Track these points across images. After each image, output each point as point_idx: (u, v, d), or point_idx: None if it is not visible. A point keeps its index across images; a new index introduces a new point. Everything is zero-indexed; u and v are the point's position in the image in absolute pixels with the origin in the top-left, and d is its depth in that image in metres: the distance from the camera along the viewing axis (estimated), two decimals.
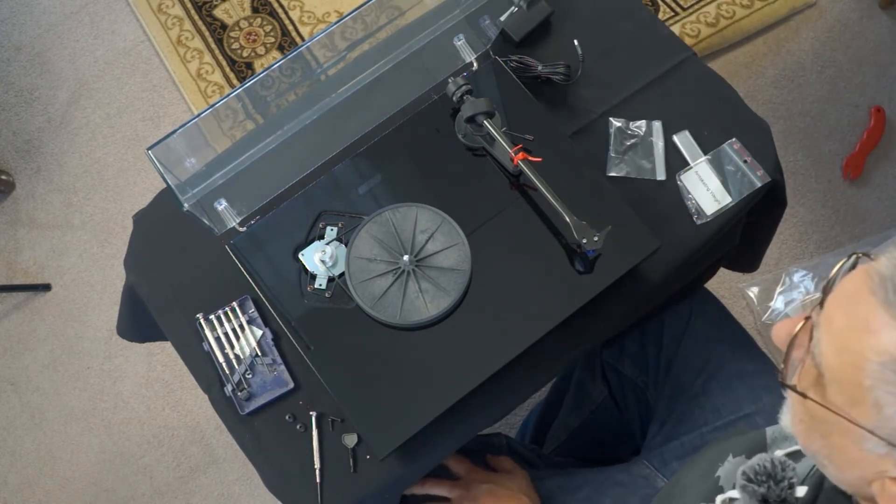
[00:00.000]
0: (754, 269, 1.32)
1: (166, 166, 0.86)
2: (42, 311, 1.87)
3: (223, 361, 1.01)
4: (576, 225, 0.92)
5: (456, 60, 1.09)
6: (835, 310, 0.55)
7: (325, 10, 2.09)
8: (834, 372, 0.54)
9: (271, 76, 0.92)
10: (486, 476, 1.04)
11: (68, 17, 2.16)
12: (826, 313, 0.56)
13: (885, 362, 0.51)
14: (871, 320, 0.52)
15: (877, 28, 1.99)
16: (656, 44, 1.15)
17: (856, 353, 0.52)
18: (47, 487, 1.75)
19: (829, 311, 0.56)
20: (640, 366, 1.16)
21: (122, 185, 1.97)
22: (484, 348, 0.93)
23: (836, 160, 1.87)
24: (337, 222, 1.01)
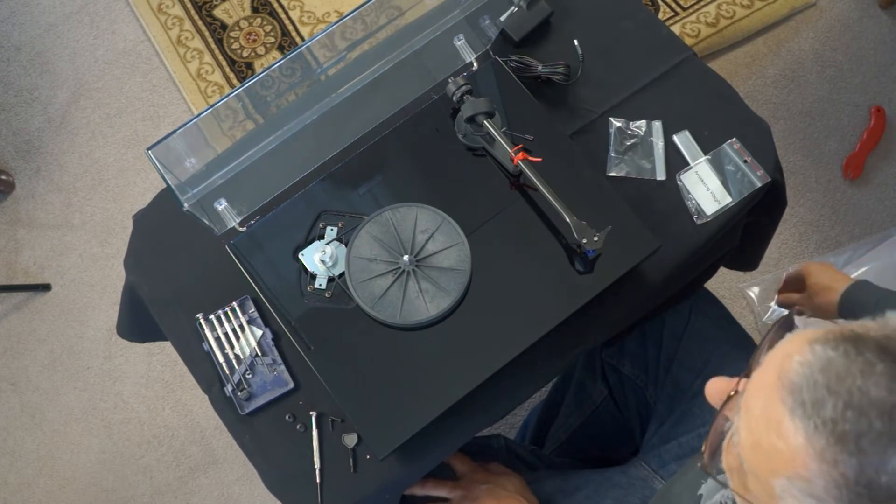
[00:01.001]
0: (754, 268, 1.32)
1: (166, 166, 0.86)
2: (42, 311, 1.87)
3: (223, 361, 1.01)
4: (576, 225, 0.92)
5: (456, 60, 1.09)
6: (753, 398, 0.53)
7: (325, 10, 2.09)
8: (750, 466, 0.53)
9: (271, 76, 0.92)
10: (486, 476, 1.04)
11: (68, 17, 2.16)
12: (746, 399, 0.54)
13: (791, 478, 0.49)
14: (781, 426, 0.50)
15: (877, 28, 1.99)
16: (656, 44, 1.15)
17: (768, 455, 0.51)
18: (47, 487, 1.75)
19: (748, 397, 0.54)
20: (639, 366, 1.16)
21: (122, 185, 1.97)
22: (484, 348, 0.93)
23: (836, 160, 1.87)
24: (337, 222, 1.01)
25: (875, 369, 0.46)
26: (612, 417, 1.22)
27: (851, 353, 0.47)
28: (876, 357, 0.47)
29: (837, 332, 0.49)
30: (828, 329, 0.50)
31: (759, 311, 1.71)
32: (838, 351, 0.48)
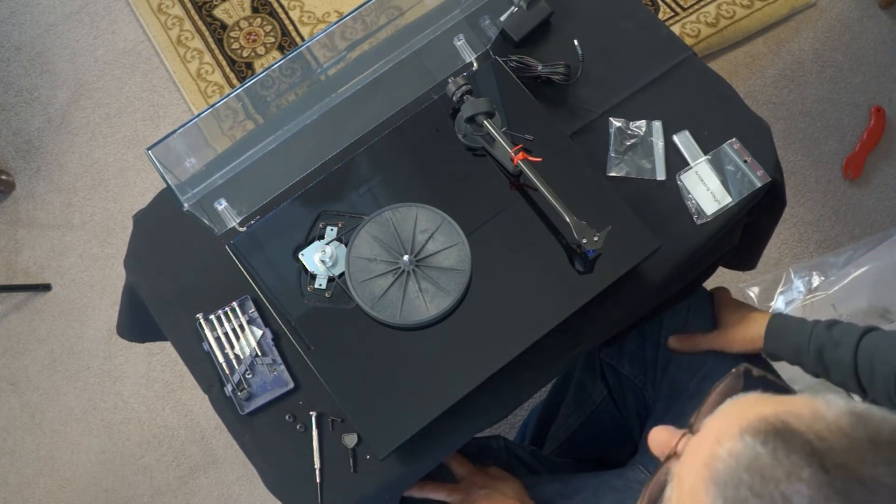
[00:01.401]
0: (753, 267, 1.32)
1: (166, 166, 0.86)
2: (42, 311, 1.87)
3: (223, 361, 1.01)
4: (576, 225, 0.92)
5: (456, 60, 1.09)
6: (686, 471, 0.52)
7: (325, 10, 2.09)
8: None
9: (271, 76, 0.92)
10: (485, 481, 1.04)
11: (68, 17, 2.16)
12: (680, 468, 0.53)
13: None
14: None
15: (877, 28, 1.99)
16: (656, 44, 1.15)
17: None
18: (47, 487, 1.75)
19: (682, 466, 0.53)
20: (638, 366, 1.16)
21: (122, 185, 1.97)
22: (484, 348, 0.93)
23: (836, 160, 1.87)
24: (337, 222, 1.01)
25: (801, 475, 0.45)
26: (612, 417, 1.22)
27: (780, 452, 0.46)
28: (803, 460, 0.45)
29: (770, 422, 0.48)
30: (762, 416, 0.48)
31: None
32: (767, 448, 0.47)
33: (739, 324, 1.04)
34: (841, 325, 0.94)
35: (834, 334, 0.93)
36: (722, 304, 1.11)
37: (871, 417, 0.46)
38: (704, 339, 1.08)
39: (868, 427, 0.46)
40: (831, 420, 0.47)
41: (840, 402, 0.48)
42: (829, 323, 0.95)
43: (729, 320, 1.07)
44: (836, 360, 0.91)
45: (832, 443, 0.45)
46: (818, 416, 0.47)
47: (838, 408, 0.47)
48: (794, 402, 0.49)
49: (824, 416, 0.47)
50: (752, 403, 0.51)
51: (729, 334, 1.05)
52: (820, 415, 0.47)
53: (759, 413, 0.49)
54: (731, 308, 1.09)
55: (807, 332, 0.96)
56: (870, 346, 0.89)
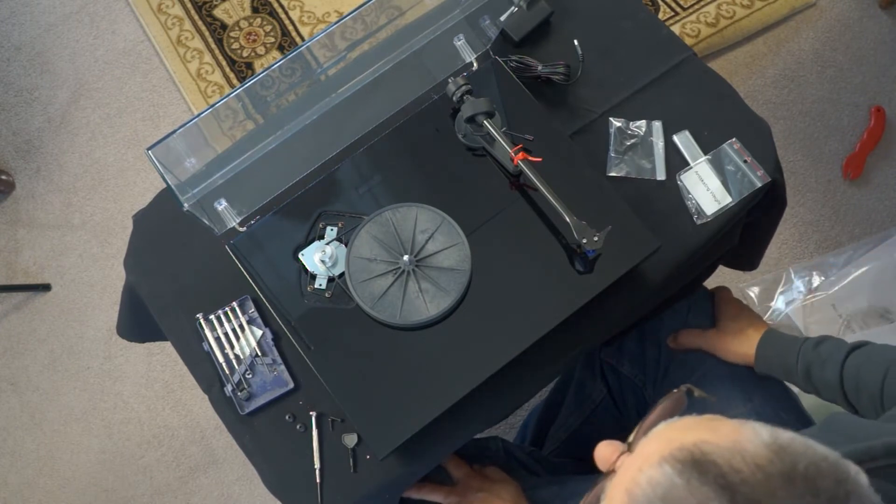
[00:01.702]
0: (754, 267, 1.32)
1: (166, 166, 0.86)
2: (42, 311, 1.87)
3: (223, 361, 1.01)
4: (576, 225, 0.92)
5: (456, 60, 1.09)
6: (615, 492, 0.53)
7: (325, 10, 2.09)
8: None
9: (271, 76, 0.92)
10: (482, 483, 1.04)
11: (68, 17, 2.16)
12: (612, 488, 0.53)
13: None
14: None
15: (877, 28, 1.99)
16: (656, 44, 1.15)
17: None
18: (47, 487, 1.75)
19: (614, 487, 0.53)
20: (638, 365, 1.16)
21: (122, 185, 1.97)
22: (484, 348, 0.93)
23: (836, 160, 1.87)
24: (337, 222, 1.01)
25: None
26: (612, 417, 1.22)
27: (693, 483, 0.47)
28: (714, 493, 0.46)
29: (689, 452, 0.48)
30: (683, 445, 0.49)
31: (760, 311, 1.71)
32: (682, 478, 0.47)
33: (735, 337, 1.05)
34: (828, 343, 0.94)
35: (821, 353, 0.93)
36: (722, 305, 1.11)
37: (791, 450, 0.47)
38: (701, 339, 1.08)
39: (784, 461, 0.46)
40: (750, 452, 0.47)
41: (764, 432, 0.48)
42: (818, 340, 0.95)
43: (727, 328, 1.07)
44: (823, 379, 0.91)
45: (746, 476, 0.46)
46: (737, 447, 0.47)
47: (759, 439, 0.48)
48: (721, 429, 0.50)
49: (743, 447, 0.47)
50: (682, 429, 0.52)
51: (725, 344, 1.05)
52: (739, 447, 0.47)
53: (682, 442, 0.49)
54: (730, 313, 1.09)
55: (795, 351, 0.96)
56: (855, 364, 0.89)
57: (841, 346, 0.91)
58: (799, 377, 0.95)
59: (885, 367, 0.84)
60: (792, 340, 0.98)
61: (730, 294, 1.14)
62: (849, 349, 0.90)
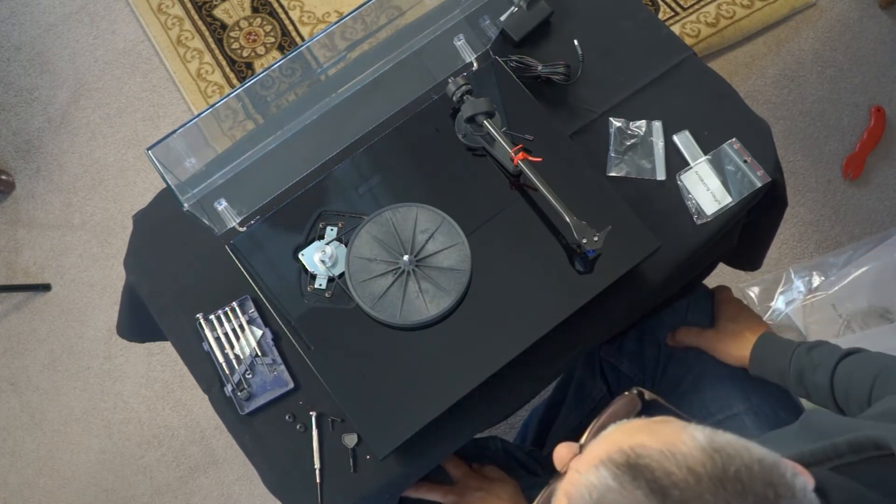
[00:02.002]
0: (756, 267, 1.33)
1: (166, 166, 0.86)
2: (42, 311, 1.87)
3: (223, 361, 1.01)
4: (576, 225, 0.92)
5: (456, 60, 1.09)
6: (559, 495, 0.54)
7: (325, 10, 2.09)
8: None
9: (271, 76, 0.92)
10: (480, 483, 1.04)
11: (68, 17, 2.16)
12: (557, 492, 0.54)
13: None
14: None
15: (877, 28, 1.99)
16: (656, 44, 1.15)
17: None
18: (47, 487, 1.75)
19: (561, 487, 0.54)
20: (637, 364, 1.16)
21: (122, 185, 1.97)
22: (484, 348, 0.93)
23: (836, 160, 1.87)
24: (337, 222, 1.01)
25: None
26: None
27: (627, 486, 0.48)
28: (646, 497, 0.46)
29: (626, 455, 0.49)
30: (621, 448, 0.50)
31: (760, 311, 1.71)
32: (617, 482, 0.48)
33: (732, 339, 1.05)
34: (821, 348, 0.94)
35: (814, 357, 0.93)
36: (722, 305, 1.11)
37: (725, 453, 0.47)
38: (699, 338, 1.08)
39: (717, 464, 0.47)
40: (684, 455, 0.48)
41: (701, 435, 0.49)
42: (812, 345, 0.95)
43: (724, 329, 1.07)
44: (814, 383, 0.92)
45: (677, 479, 0.46)
46: (672, 450, 0.48)
47: (695, 442, 0.48)
48: (662, 432, 0.50)
49: (679, 450, 0.48)
50: (627, 432, 0.52)
51: (721, 346, 1.05)
52: (675, 449, 0.48)
53: (620, 445, 0.50)
54: (729, 314, 1.09)
55: (788, 354, 0.96)
56: (846, 369, 0.89)
57: (834, 352, 0.92)
58: (791, 380, 0.95)
59: (875, 373, 0.84)
60: (786, 344, 0.98)
61: (730, 294, 1.14)
62: (841, 355, 0.90)
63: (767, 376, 0.99)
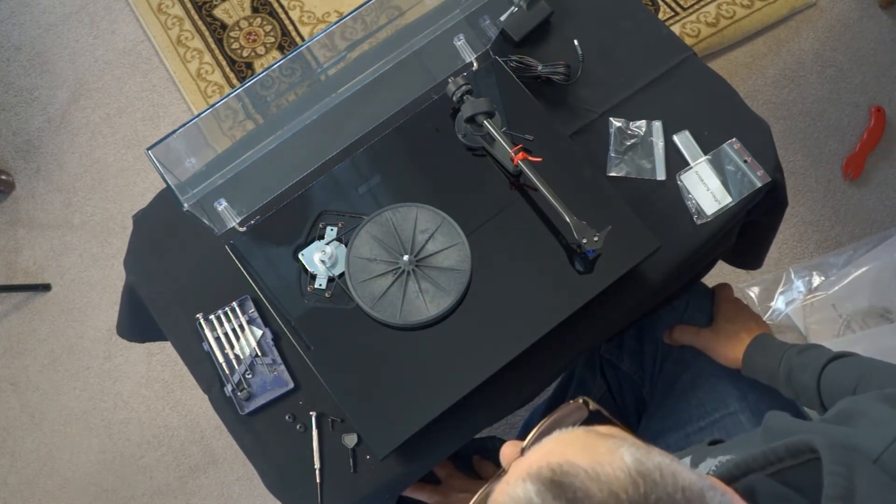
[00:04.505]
0: (758, 266, 1.33)
1: (166, 166, 0.86)
2: (42, 311, 1.87)
3: (223, 361, 1.01)
4: (576, 225, 0.92)
5: (456, 60, 1.09)
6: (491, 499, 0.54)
7: (325, 10, 2.09)
8: None
9: (271, 76, 0.92)
10: (464, 484, 1.04)
11: (68, 17, 2.16)
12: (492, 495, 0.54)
13: None
14: None
15: (877, 28, 1.99)
16: (656, 44, 1.15)
17: None
18: (47, 487, 1.75)
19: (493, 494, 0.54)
20: (636, 362, 1.16)
21: (122, 185, 1.97)
22: (484, 348, 0.93)
23: (836, 160, 1.87)
24: (337, 222, 1.01)
25: None
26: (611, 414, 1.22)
27: (548, 502, 0.48)
28: None
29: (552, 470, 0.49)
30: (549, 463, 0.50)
31: (760, 311, 1.71)
32: (539, 497, 0.48)
33: (728, 340, 1.05)
34: (812, 350, 0.94)
35: (803, 359, 0.93)
36: (721, 304, 1.11)
37: (650, 479, 0.47)
38: (695, 337, 1.08)
39: (639, 490, 0.46)
40: (608, 477, 0.47)
41: (629, 458, 0.48)
42: (803, 347, 0.96)
43: (721, 329, 1.07)
44: (802, 384, 0.92)
45: (597, 501, 0.46)
46: (598, 470, 0.48)
47: (623, 464, 0.48)
48: (596, 449, 0.50)
49: (604, 471, 0.48)
50: (563, 442, 0.52)
51: (717, 346, 1.06)
52: (601, 470, 0.48)
53: (549, 460, 0.50)
54: (727, 314, 1.09)
55: (779, 355, 0.96)
56: (833, 371, 0.89)
57: (823, 354, 0.92)
58: (780, 380, 0.95)
59: (859, 376, 0.84)
60: (779, 346, 0.99)
61: (730, 293, 1.14)
62: (830, 357, 0.91)
63: (758, 377, 1.00)
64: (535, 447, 0.54)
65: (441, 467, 1.05)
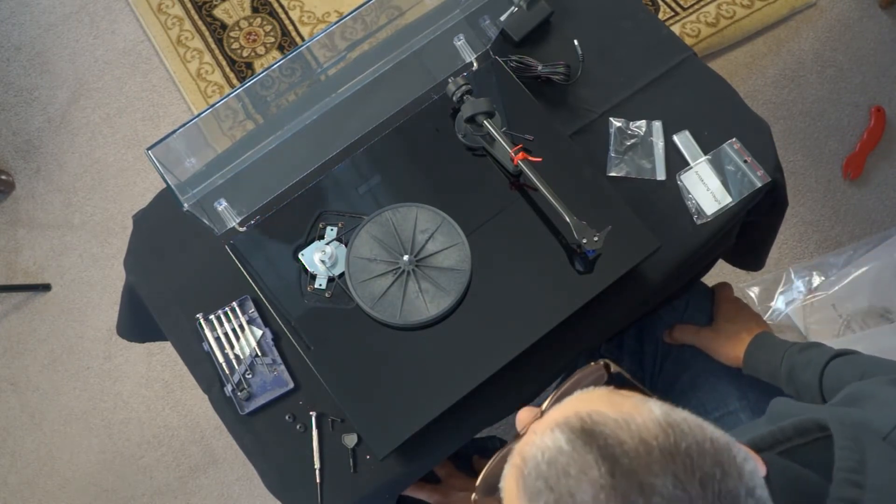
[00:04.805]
0: (759, 267, 1.33)
1: (166, 166, 0.86)
2: (42, 311, 1.87)
3: (223, 361, 1.01)
4: (576, 225, 0.92)
5: (456, 60, 1.09)
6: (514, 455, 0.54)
7: (325, 10, 2.09)
8: None
9: (271, 76, 0.92)
10: (464, 483, 1.04)
11: (68, 17, 2.16)
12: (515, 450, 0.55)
13: None
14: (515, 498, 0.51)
15: (877, 28, 1.99)
16: (656, 44, 1.15)
17: None
18: (47, 487, 1.75)
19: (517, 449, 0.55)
20: (636, 362, 1.16)
21: (122, 185, 1.97)
22: (484, 348, 0.93)
23: (836, 160, 1.87)
24: (337, 222, 1.01)
25: (590, 474, 0.47)
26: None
27: (579, 449, 0.48)
28: (596, 461, 0.47)
29: (581, 419, 0.50)
30: (578, 413, 0.50)
31: (760, 311, 1.71)
32: (569, 445, 0.49)
33: (728, 340, 1.05)
34: (814, 349, 0.94)
35: (805, 357, 0.94)
36: (721, 304, 1.11)
37: (679, 429, 0.48)
38: (696, 336, 1.08)
39: (669, 438, 0.47)
40: (638, 425, 0.48)
41: (657, 409, 0.49)
42: (804, 346, 0.96)
43: (721, 329, 1.07)
44: (804, 381, 0.92)
45: (629, 448, 0.47)
46: (628, 420, 0.48)
47: (652, 415, 0.49)
48: (621, 404, 0.51)
49: (634, 420, 0.48)
50: (587, 400, 0.53)
51: (717, 346, 1.06)
52: (630, 419, 0.48)
53: (578, 410, 0.51)
54: (727, 314, 1.09)
55: (781, 353, 0.96)
56: (835, 368, 0.89)
57: (825, 353, 0.92)
58: (782, 378, 0.95)
59: (862, 371, 0.84)
60: (780, 344, 0.99)
61: (730, 292, 1.14)
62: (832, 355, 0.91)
63: (759, 375, 1.00)
64: (554, 407, 0.54)
65: (441, 467, 1.05)
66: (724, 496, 0.45)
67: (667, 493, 0.45)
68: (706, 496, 0.45)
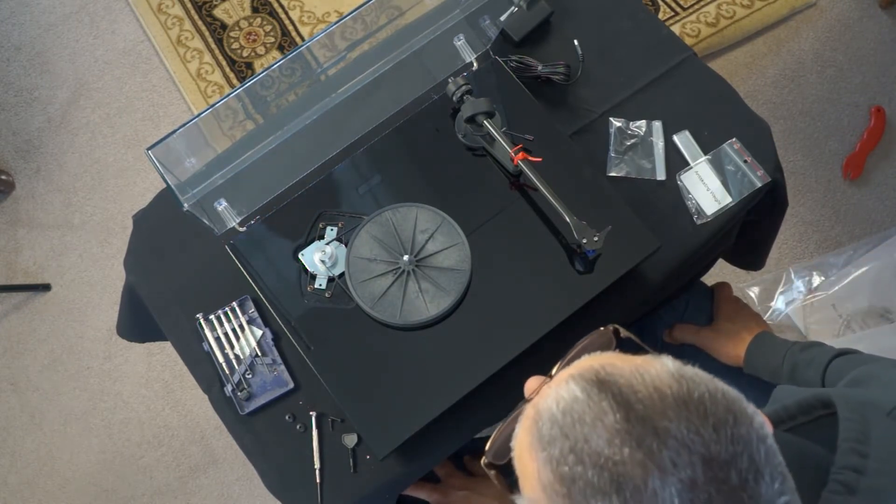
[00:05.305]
0: (759, 267, 1.33)
1: (166, 166, 0.86)
2: (42, 311, 1.87)
3: (223, 361, 1.01)
4: (576, 225, 0.92)
5: (456, 60, 1.09)
6: (528, 409, 0.55)
7: (325, 10, 2.09)
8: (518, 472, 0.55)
9: (271, 76, 0.92)
10: (463, 482, 1.04)
11: (68, 17, 2.16)
12: (529, 409, 0.55)
13: (529, 499, 0.52)
14: (529, 449, 0.52)
15: (877, 28, 1.99)
16: (656, 44, 1.15)
17: (522, 472, 0.53)
18: (47, 487, 1.75)
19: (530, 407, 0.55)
20: None
21: (122, 185, 1.97)
22: (484, 348, 0.93)
23: (836, 160, 1.87)
24: (337, 222, 1.01)
25: (605, 420, 0.48)
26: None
27: (594, 397, 0.49)
28: (611, 407, 0.48)
29: (595, 371, 0.51)
30: (591, 366, 0.51)
31: (760, 311, 1.71)
32: (584, 393, 0.50)
33: (729, 339, 1.05)
34: (816, 348, 0.94)
35: (807, 356, 0.94)
36: (721, 304, 1.11)
37: (691, 380, 0.49)
38: (696, 336, 1.08)
39: (682, 387, 0.49)
40: (652, 376, 0.49)
41: (670, 364, 0.51)
42: (805, 345, 0.96)
43: (722, 328, 1.07)
44: (806, 380, 0.92)
45: (643, 395, 0.48)
46: (642, 371, 0.50)
47: (665, 367, 0.50)
48: (635, 359, 0.52)
49: (647, 371, 0.50)
50: (601, 357, 0.54)
51: (717, 345, 1.06)
52: (643, 370, 0.50)
53: (591, 363, 0.52)
54: (727, 314, 1.09)
55: (782, 353, 0.97)
56: (837, 368, 0.89)
57: (827, 352, 0.93)
58: (784, 377, 0.95)
59: None
60: (781, 343, 0.99)
61: (730, 292, 1.14)
62: (834, 354, 0.91)
63: (760, 374, 1.00)
64: (564, 370, 0.55)
65: (441, 466, 1.05)
66: (737, 440, 0.46)
67: (681, 436, 0.46)
68: (720, 440, 0.46)
